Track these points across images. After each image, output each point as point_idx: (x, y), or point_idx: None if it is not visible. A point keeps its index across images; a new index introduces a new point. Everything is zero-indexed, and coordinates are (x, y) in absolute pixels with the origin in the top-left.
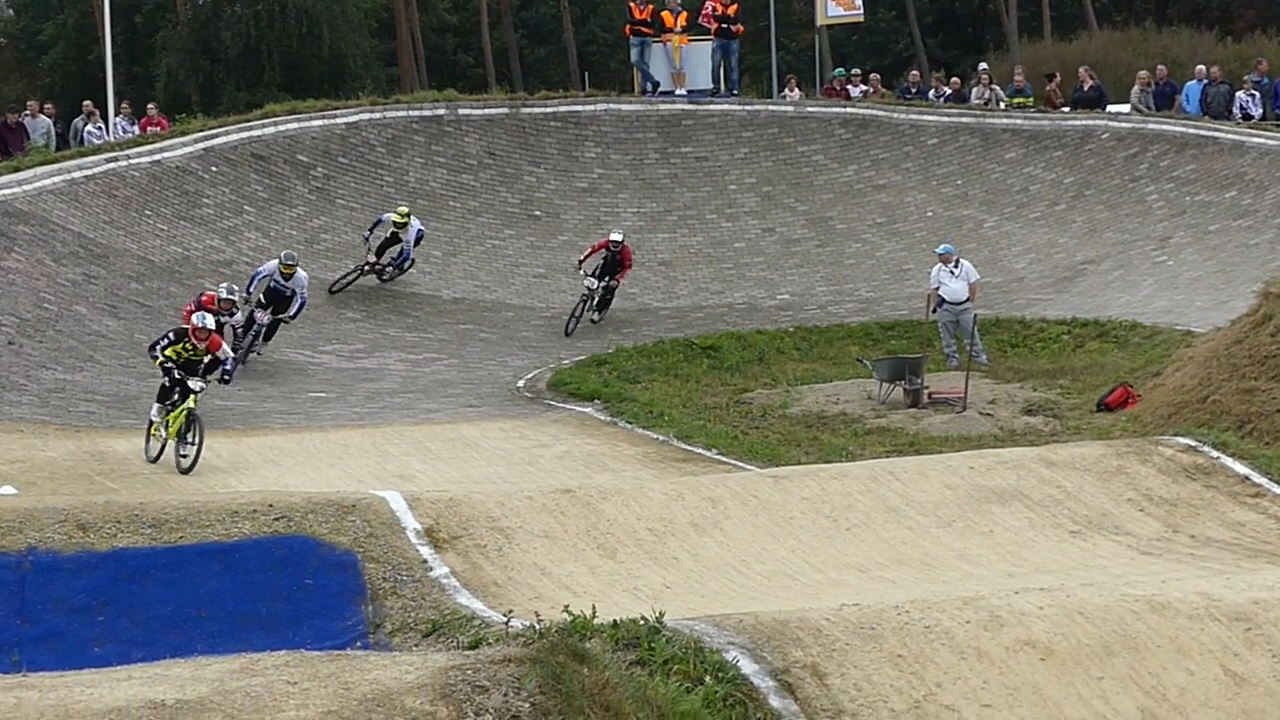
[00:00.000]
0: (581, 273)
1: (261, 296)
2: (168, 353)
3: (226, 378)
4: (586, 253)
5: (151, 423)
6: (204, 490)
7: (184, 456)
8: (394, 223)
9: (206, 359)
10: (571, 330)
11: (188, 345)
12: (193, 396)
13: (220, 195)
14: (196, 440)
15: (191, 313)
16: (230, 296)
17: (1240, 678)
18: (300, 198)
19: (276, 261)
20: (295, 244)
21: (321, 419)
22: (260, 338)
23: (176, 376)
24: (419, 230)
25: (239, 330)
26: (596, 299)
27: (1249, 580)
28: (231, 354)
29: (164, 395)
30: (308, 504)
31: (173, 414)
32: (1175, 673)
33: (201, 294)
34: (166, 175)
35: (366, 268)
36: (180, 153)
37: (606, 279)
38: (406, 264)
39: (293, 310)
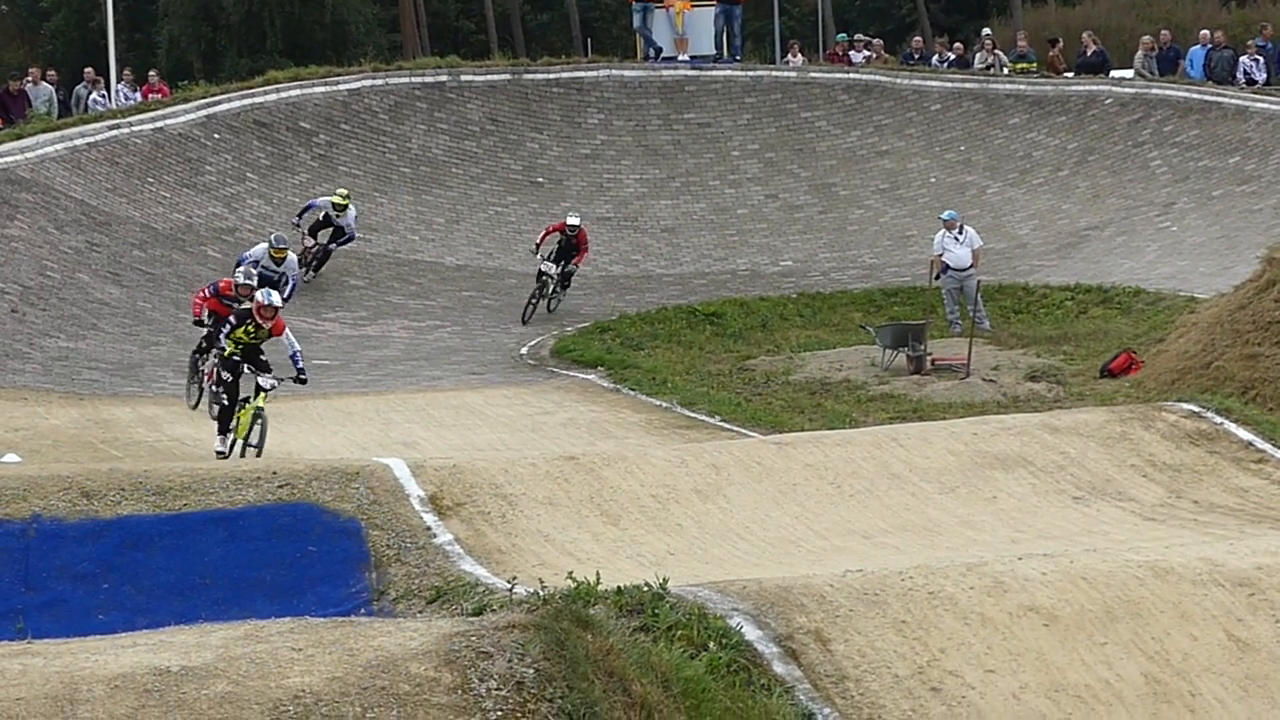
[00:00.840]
0: (539, 256)
1: None
2: (230, 343)
3: (303, 378)
4: (541, 235)
5: (223, 429)
6: (208, 457)
7: (245, 455)
8: (333, 204)
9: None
10: (529, 318)
11: (250, 327)
12: (263, 395)
13: (223, 162)
14: (259, 441)
15: (206, 299)
16: (249, 282)
17: (1243, 643)
18: (303, 165)
19: (265, 245)
20: (297, 211)
21: (325, 386)
22: None
23: (245, 370)
24: (354, 214)
25: None
26: (553, 285)
27: (1252, 546)
28: (297, 344)
29: (225, 416)
30: (311, 471)
31: (242, 411)
32: (1178, 638)
33: (219, 281)
34: (169, 142)
35: (300, 258)
36: (182, 120)
37: (563, 263)
38: (346, 241)
39: (285, 294)
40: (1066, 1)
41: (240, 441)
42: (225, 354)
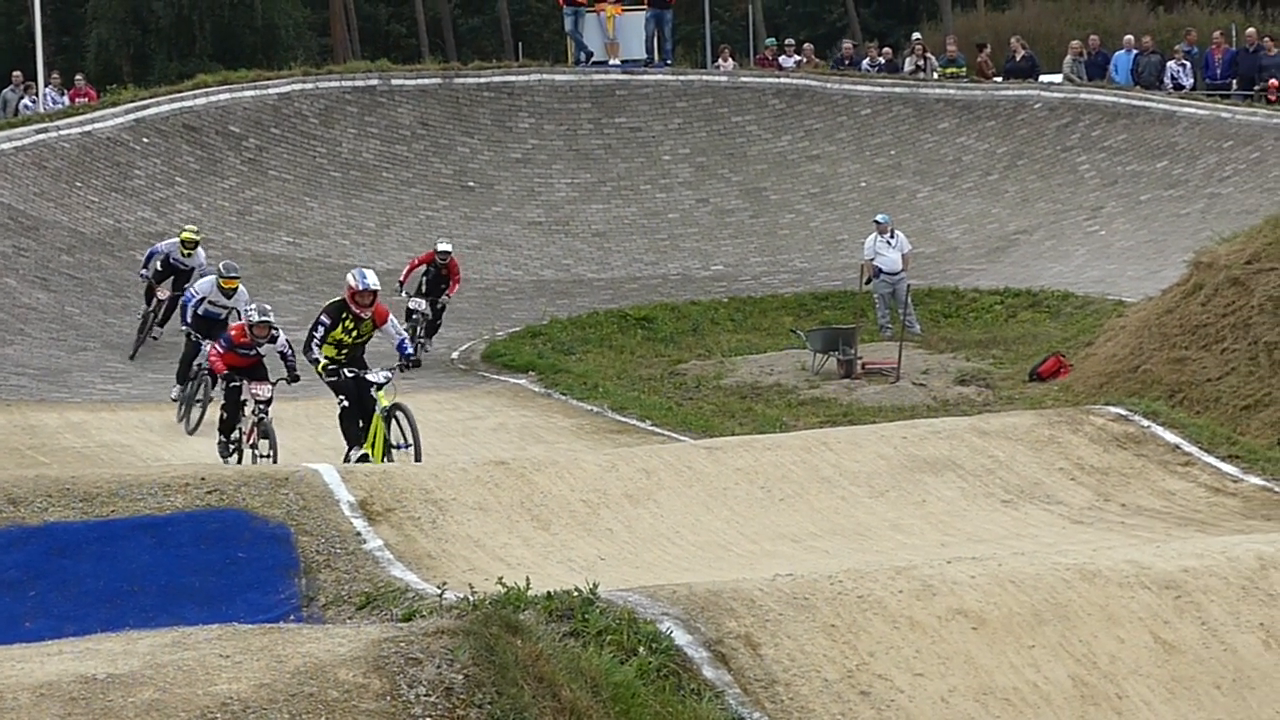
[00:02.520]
0: (404, 295)
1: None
2: (328, 350)
3: (415, 360)
4: (406, 270)
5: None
6: (136, 463)
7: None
8: (181, 242)
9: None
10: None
11: (347, 323)
12: (382, 392)
13: (151, 167)
14: (414, 439)
15: (222, 355)
16: (266, 319)
17: (1170, 645)
18: (232, 169)
19: (211, 278)
20: (227, 215)
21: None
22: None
23: (347, 375)
24: (203, 255)
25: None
26: (424, 326)
27: (1179, 548)
28: (403, 331)
29: (350, 422)
30: (240, 477)
31: (371, 429)
32: (1106, 640)
33: (228, 330)
34: (97, 146)
35: (153, 314)
36: (111, 124)
37: (432, 297)
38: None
39: None
40: (996, 6)
41: (381, 454)
42: (321, 367)
